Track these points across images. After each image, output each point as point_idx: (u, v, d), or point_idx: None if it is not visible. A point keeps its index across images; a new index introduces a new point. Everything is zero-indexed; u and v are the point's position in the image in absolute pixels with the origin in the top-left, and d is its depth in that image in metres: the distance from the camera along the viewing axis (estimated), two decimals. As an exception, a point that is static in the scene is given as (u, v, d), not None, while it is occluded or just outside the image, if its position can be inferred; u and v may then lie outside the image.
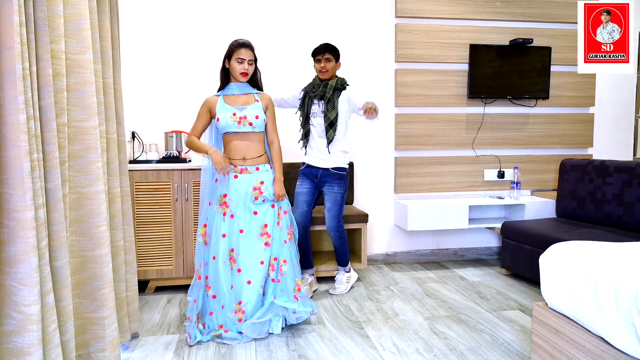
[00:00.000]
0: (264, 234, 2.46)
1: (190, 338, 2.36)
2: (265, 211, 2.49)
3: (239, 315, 2.40)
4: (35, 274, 1.33)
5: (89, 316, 1.81)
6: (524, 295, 3.08)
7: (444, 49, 3.79)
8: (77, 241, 1.78)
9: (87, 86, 1.77)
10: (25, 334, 1.32)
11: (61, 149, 1.61)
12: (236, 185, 2.47)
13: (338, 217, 2.97)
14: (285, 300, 2.44)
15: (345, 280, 3.15)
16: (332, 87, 2.87)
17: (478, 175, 3.97)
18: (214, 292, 2.42)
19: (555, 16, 3.92)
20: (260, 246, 2.45)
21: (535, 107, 3.99)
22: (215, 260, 2.43)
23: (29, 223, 1.32)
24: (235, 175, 2.49)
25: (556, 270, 1.86)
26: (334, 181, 2.92)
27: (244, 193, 2.47)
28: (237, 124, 2.46)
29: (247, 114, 2.46)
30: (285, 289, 2.46)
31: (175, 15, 3.50)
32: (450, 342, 2.36)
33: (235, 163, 2.50)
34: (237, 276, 2.41)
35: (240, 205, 2.46)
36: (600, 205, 3.31)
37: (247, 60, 2.47)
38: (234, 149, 2.50)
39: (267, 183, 2.51)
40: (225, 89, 2.56)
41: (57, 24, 1.59)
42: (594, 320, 1.65)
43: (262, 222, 2.47)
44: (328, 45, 2.89)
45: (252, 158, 2.51)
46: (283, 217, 2.54)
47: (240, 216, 2.45)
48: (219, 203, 2.47)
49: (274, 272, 2.46)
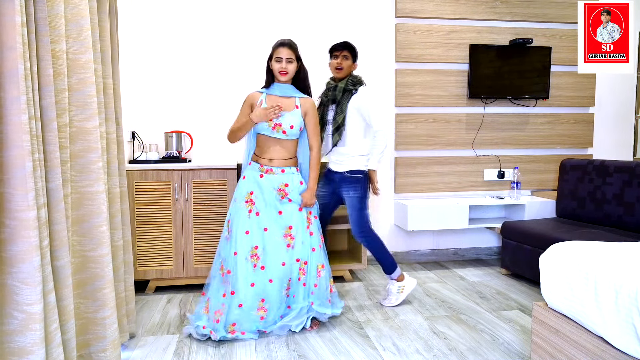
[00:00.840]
0: (287, 235, 2.47)
1: (215, 332, 2.35)
2: (291, 212, 2.50)
3: (261, 313, 2.41)
4: (38, 274, 1.33)
5: (90, 316, 1.82)
6: (524, 295, 3.09)
7: (444, 49, 3.80)
8: (78, 241, 1.78)
9: (88, 86, 1.78)
10: (27, 333, 1.33)
11: (63, 149, 1.62)
12: (261, 184, 2.49)
13: (359, 223, 2.83)
14: (319, 304, 2.51)
15: (396, 290, 2.90)
16: (341, 89, 2.79)
17: (478, 175, 3.97)
18: (233, 288, 2.41)
19: (555, 16, 3.93)
20: (283, 247, 2.46)
21: (535, 107, 4.00)
22: (237, 256, 2.42)
23: (31, 223, 1.32)
24: (261, 174, 2.50)
25: (556, 270, 1.87)
26: (348, 185, 2.81)
27: (269, 192, 2.49)
28: (271, 129, 2.46)
29: (283, 122, 2.45)
30: (319, 293, 2.52)
31: (176, 15, 3.50)
32: (450, 342, 2.37)
33: (262, 162, 2.52)
34: (260, 274, 2.42)
35: (265, 203, 2.48)
36: (600, 205, 3.32)
37: (285, 59, 2.43)
38: (264, 149, 2.52)
39: (292, 186, 2.52)
40: (270, 88, 2.55)
41: (58, 24, 1.59)
42: (594, 320, 1.66)
43: (286, 223, 2.48)
44: (347, 43, 2.82)
45: (280, 159, 2.52)
46: (314, 221, 2.57)
47: (265, 214, 2.46)
48: (245, 200, 2.48)
49: (304, 275, 2.49)
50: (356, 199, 2.80)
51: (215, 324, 2.38)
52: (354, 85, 2.80)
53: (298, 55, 2.49)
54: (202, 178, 3.11)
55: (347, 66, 2.81)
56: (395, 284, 2.90)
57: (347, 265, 3.42)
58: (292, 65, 2.47)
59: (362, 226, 2.84)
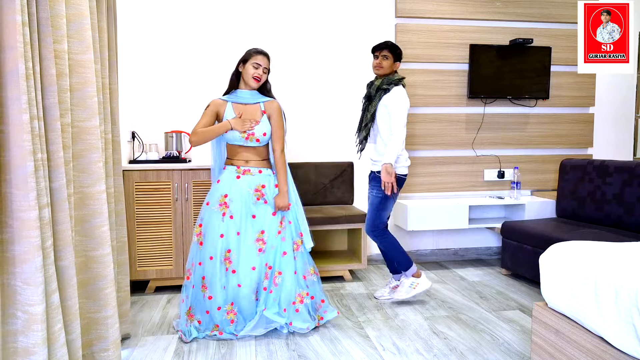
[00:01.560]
0: (259, 240, 2.45)
1: (185, 335, 2.38)
2: (264, 216, 2.47)
3: (231, 316, 2.41)
4: (40, 274, 1.34)
5: (92, 316, 1.83)
6: (524, 295, 3.10)
7: (444, 49, 3.81)
8: (80, 241, 1.79)
9: (89, 86, 1.78)
10: (29, 334, 1.33)
11: (66, 149, 1.62)
12: (238, 185, 2.47)
13: (371, 221, 2.86)
14: (275, 312, 2.41)
15: (409, 284, 2.87)
16: (376, 87, 2.81)
17: (478, 175, 3.98)
18: (210, 292, 2.41)
19: (555, 16, 3.94)
20: (254, 251, 2.43)
21: (535, 107, 4.01)
22: (213, 260, 2.42)
23: (33, 223, 1.33)
24: (238, 175, 2.49)
25: (556, 270, 1.87)
26: (375, 184, 2.83)
27: (245, 193, 2.47)
28: (244, 139, 2.47)
29: (255, 131, 2.47)
30: (278, 300, 2.43)
31: (175, 15, 3.50)
32: (450, 342, 2.38)
33: (237, 164, 2.50)
34: (231, 277, 2.41)
35: (240, 206, 2.45)
36: (600, 205, 3.33)
37: (262, 67, 2.47)
38: (237, 155, 2.52)
39: (268, 187, 2.51)
40: (234, 94, 2.55)
41: (59, 23, 1.60)
42: (594, 320, 1.66)
43: (259, 228, 2.46)
44: (387, 43, 2.83)
45: (255, 161, 2.52)
46: (287, 227, 2.52)
47: (239, 218, 2.44)
48: (219, 203, 2.47)
49: (267, 280, 2.43)
50: (377, 199, 2.83)
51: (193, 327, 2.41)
52: (388, 85, 2.80)
53: (270, 69, 2.55)
54: (202, 178, 3.11)
55: (387, 66, 2.82)
56: (409, 279, 2.89)
57: (347, 265, 3.43)
58: (265, 75, 2.52)
59: (375, 226, 2.86)
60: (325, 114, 3.75)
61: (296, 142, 3.66)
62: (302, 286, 2.48)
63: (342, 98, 3.77)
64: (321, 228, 3.31)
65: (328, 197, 3.70)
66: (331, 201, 3.71)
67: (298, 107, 3.67)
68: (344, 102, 3.77)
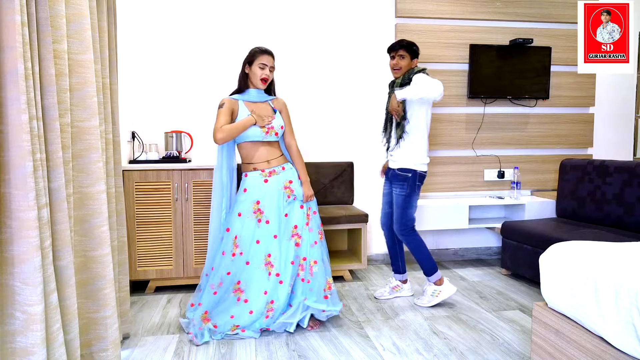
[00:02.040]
0: (294, 235, 2.49)
1: (196, 338, 2.37)
2: (294, 212, 2.52)
3: (269, 313, 2.44)
4: (38, 274, 1.34)
5: (91, 316, 1.82)
6: (524, 295, 3.09)
7: (444, 48, 3.81)
8: (80, 241, 1.79)
9: (88, 86, 1.78)
10: (28, 334, 1.33)
11: (65, 149, 1.62)
12: (267, 189, 2.49)
13: (400, 221, 2.83)
14: (315, 301, 2.48)
15: (431, 293, 2.87)
16: (398, 84, 2.79)
17: (478, 175, 3.98)
18: (247, 296, 2.44)
19: (556, 16, 3.94)
20: (292, 247, 2.48)
21: (535, 107, 4.00)
22: (249, 265, 2.45)
23: (32, 223, 1.33)
24: (265, 179, 2.50)
25: (556, 270, 1.87)
26: (397, 182, 2.82)
27: (276, 195, 2.49)
28: (264, 134, 2.49)
29: (274, 125, 2.51)
30: (314, 289, 2.49)
31: (175, 15, 3.50)
32: (450, 342, 2.37)
33: (261, 167, 2.51)
34: (274, 280, 2.45)
35: (274, 209, 2.48)
36: (600, 205, 3.32)
37: (269, 67, 2.50)
38: (256, 154, 2.52)
39: (295, 181, 2.56)
40: (244, 94, 2.56)
41: (59, 23, 1.59)
42: (594, 320, 1.66)
43: (292, 224, 2.50)
44: (402, 42, 2.80)
45: (275, 158, 2.54)
46: (312, 217, 2.57)
47: (275, 222, 2.47)
48: (253, 211, 2.48)
49: (303, 271, 2.48)
50: (401, 197, 2.82)
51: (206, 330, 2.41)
52: (409, 78, 2.74)
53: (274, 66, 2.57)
54: (202, 178, 3.11)
55: (405, 65, 2.80)
56: (432, 286, 2.89)
57: (347, 265, 3.42)
58: (272, 75, 2.55)
59: (404, 224, 2.84)
60: (325, 114, 3.75)
61: (311, 142, 3.66)
62: (328, 273, 2.58)
63: (342, 98, 3.76)
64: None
65: (328, 197, 3.70)
66: (331, 201, 3.70)
67: (298, 106, 3.66)
68: (344, 102, 3.77)
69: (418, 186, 2.82)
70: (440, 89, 2.64)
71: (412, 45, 2.81)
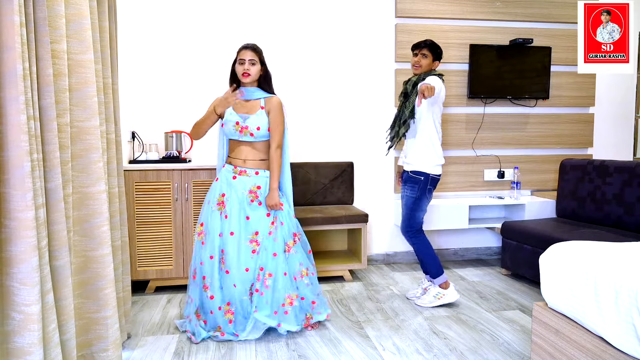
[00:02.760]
0: (252, 241, 2.43)
1: (195, 336, 2.36)
2: (259, 218, 2.45)
3: (229, 316, 2.40)
4: (36, 274, 1.33)
5: (91, 316, 1.82)
6: (524, 295, 3.08)
7: (444, 48, 3.76)
8: (80, 241, 1.78)
9: (89, 86, 1.78)
10: (25, 334, 1.32)
11: (64, 149, 1.62)
12: (234, 185, 2.46)
13: (407, 222, 2.83)
14: (266, 315, 2.38)
15: (434, 294, 2.85)
16: (412, 83, 2.78)
17: (478, 175, 3.97)
18: (211, 292, 2.42)
19: (556, 16, 3.93)
20: (248, 252, 2.41)
21: (535, 107, 3.99)
22: (212, 259, 2.43)
23: (30, 223, 1.32)
24: (234, 176, 2.47)
25: (556, 270, 1.86)
26: (409, 184, 2.81)
27: (240, 194, 2.45)
28: (238, 133, 2.46)
29: (249, 125, 2.44)
30: (269, 302, 2.40)
31: (176, 15, 3.50)
32: (450, 342, 2.37)
33: (235, 164, 2.49)
34: (225, 277, 2.41)
35: (235, 206, 2.44)
36: (600, 205, 3.31)
37: (247, 60, 2.44)
38: (237, 151, 2.50)
39: (264, 189, 2.48)
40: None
41: (58, 24, 1.59)
42: (594, 320, 1.65)
43: (253, 229, 2.44)
44: (428, 41, 2.81)
45: (253, 160, 2.49)
46: (279, 227, 2.46)
47: (233, 218, 2.43)
48: (217, 202, 2.47)
49: (258, 282, 2.40)
50: (411, 199, 2.81)
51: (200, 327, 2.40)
52: (424, 78, 2.75)
53: (262, 59, 2.49)
54: (202, 178, 3.11)
55: (425, 64, 2.80)
56: (436, 288, 2.87)
57: (347, 265, 3.42)
58: (255, 68, 2.46)
59: (410, 226, 2.84)
60: (324, 114, 3.74)
61: (296, 141, 3.65)
62: (292, 288, 2.45)
63: (342, 98, 3.76)
64: (321, 228, 3.30)
65: (328, 197, 3.69)
66: (331, 201, 3.70)
67: (297, 106, 3.66)
68: (344, 101, 3.76)
69: (429, 190, 2.80)
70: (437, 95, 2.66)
71: (437, 47, 2.82)
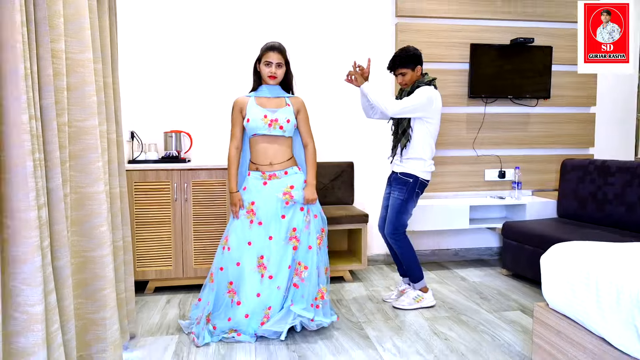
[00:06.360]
0: (292, 238, 2.45)
1: (197, 339, 2.36)
2: (293, 214, 2.47)
3: (265, 320, 2.40)
4: (39, 274, 1.34)
5: (90, 317, 1.82)
6: (525, 295, 3.10)
7: (444, 48, 3.81)
8: (78, 242, 1.79)
9: (87, 85, 1.78)
10: (28, 334, 1.33)
11: (62, 149, 1.62)
12: (265, 192, 2.46)
13: (393, 224, 2.84)
14: (303, 308, 2.39)
15: (413, 297, 2.87)
16: (406, 93, 2.80)
17: (479, 175, 3.98)
18: (239, 298, 2.41)
19: (557, 15, 3.94)
20: (289, 250, 2.44)
21: (536, 107, 4.01)
22: (240, 266, 2.42)
23: (32, 223, 1.33)
24: (264, 182, 2.47)
25: (557, 270, 1.88)
26: (396, 186, 2.82)
27: (274, 199, 2.45)
28: (267, 126, 2.44)
29: (279, 117, 2.45)
30: (305, 295, 2.41)
31: (175, 14, 3.50)
32: (451, 342, 2.38)
33: (262, 169, 2.48)
34: (267, 283, 2.41)
35: (270, 212, 2.45)
36: (601, 206, 3.33)
37: (274, 64, 2.45)
38: (262, 153, 2.48)
39: (298, 186, 2.49)
40: (257, 90, 2.55)
41: (57, 23, 1.60)
42: (595, 321, 1.66)
43: (290, 226, 2.46)
44: (395, 60, 2.80)
45: (280, 162, 2.49)
46: (312, 220, 2.51)
47: (269, 223, 2.44)
48: (247, 211, 2.46)
49: (296, 277, 2.43)
50: (398, 201, 2.82)
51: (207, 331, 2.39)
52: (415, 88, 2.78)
53: (287, 60, 2.51)
54: (201, 178, 3.11)
55: (408, 79, 2.81)
56: (415, 291, 2.89)
57: (347, 266, 3.43)
58: (281, 70, 2.48)
59: (395, 229, 2.85)
60: (324, 113, 3.75)
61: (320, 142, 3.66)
62: (322, 281, 2.49)
63: (342, 97, 3.76)
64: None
65: (328, 197, 3.70)
66: (331, 201, 3.71)
67: (298, 106, 3.67)
68: (344, 101, 3.77)
69: (417, 193, 2.82)
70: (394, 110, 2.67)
71: (410, 55, 2.79)
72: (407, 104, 2.68)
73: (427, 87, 2.74)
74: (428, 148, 2.79)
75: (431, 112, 2.74)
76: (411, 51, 2.81)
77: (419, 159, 2.78)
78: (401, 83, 2.84)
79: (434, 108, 2.74)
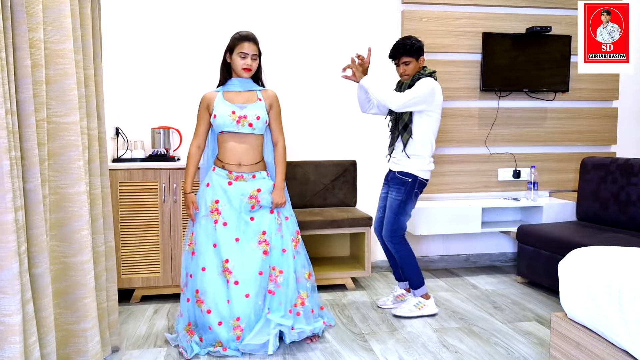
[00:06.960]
0: (262, 242, 2.43)
1: (186, 352, 2.35)
2: (262, 217, 2.46)
3: (237, 333, 2.37)
4: (17, 281, 1.33)
5: (70, 328, 1.82)
6: (541, 305, 3.09)
7: (454, 37, 3.81)
8: (58, 246, 1.79)
9: (68, 78, 1.78)
10: (6, 347, 1.32)
11: (40, 146, 1.62)
12: (230, 192, 2.46)
13: (391, 226, 2.84)
14: (281, 315, 2.39)
15: (415, 304, 2.88)
16: (407, 86, 2.81)
17: (492, 175, 3.98)
18: (208, 306, 2.40)
19: (575, 2, 3.93)
20: (259, 255, 2.42)
21: (553, 101, 4.00)
22: (205, 272, 2.41)
23: (10, 226, 1.32)
24: (230, 182, 2.46)
25: (576, 278, 1.87)
26: (394, 185, 2.84)
27: (238, 201, 2.45)
28: (235, 123, 2.43)
29: (248, 114, 2.44)
30: (283, 302, 2.41)
31: (162, 5, 3.50)
32: (462, 356, 2.37)
33: (229, 169, 2.48)
34: (234, 289, 2.39)
35: (234, 212, 2.44)
36: (624, 208, 3.33)
37: (250, 55, 2.44)
38: (230, 152, 2.47)
39: (264, 190, 2.49)
40: (226, 84, 2.54)
41: (35, 10, 1.59)
42: (617, 333, 1.66)
43: (259, 229, 2.45)
44: (399, 47, 2.82)
45: (249, 165, 2.49)
46: (284, 223, 2.51)
47: (234, 224, 2.43)
48: (211, 210, 2.45)
49: (271, 283, 2.42)
50: (396, 202, 2.83)
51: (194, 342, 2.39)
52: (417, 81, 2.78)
53: (260, 51, 2.51)
54: (191, 178, 3.11)
55: (411, 69, 2.84)
56: (416, 298, 2.90)
57: (350, 273, 3.43)
58: (256, 63, 2.49)
59: (393, 231, 2.85)
60: (325, 109, 3.75)
61: (294, 138, 3.65)
62: (302, 287, 2.49)
63: (344, 91, 3.76)
64: (321, 232, 3.31)
65: (329, 199, 3.70)
66: (332, 203, 3.71)
67: (296, 101, 3.67)
68: (346, 95, 3.76)
69: (416, 194, 2.83)
70: (398, 103, 2.69)
71: (413, 45, 2.81)
72: (410, 96, 2.69)
73: (429, 79, 2.76)
74: (429, 144, 2.80)
75: (433, 105, 2.76)
76: (415, 40, 2.85)
77: (419, 156, 2.80)
78: (402, 73, 2.86)
79: (436, 100, 2.76)
